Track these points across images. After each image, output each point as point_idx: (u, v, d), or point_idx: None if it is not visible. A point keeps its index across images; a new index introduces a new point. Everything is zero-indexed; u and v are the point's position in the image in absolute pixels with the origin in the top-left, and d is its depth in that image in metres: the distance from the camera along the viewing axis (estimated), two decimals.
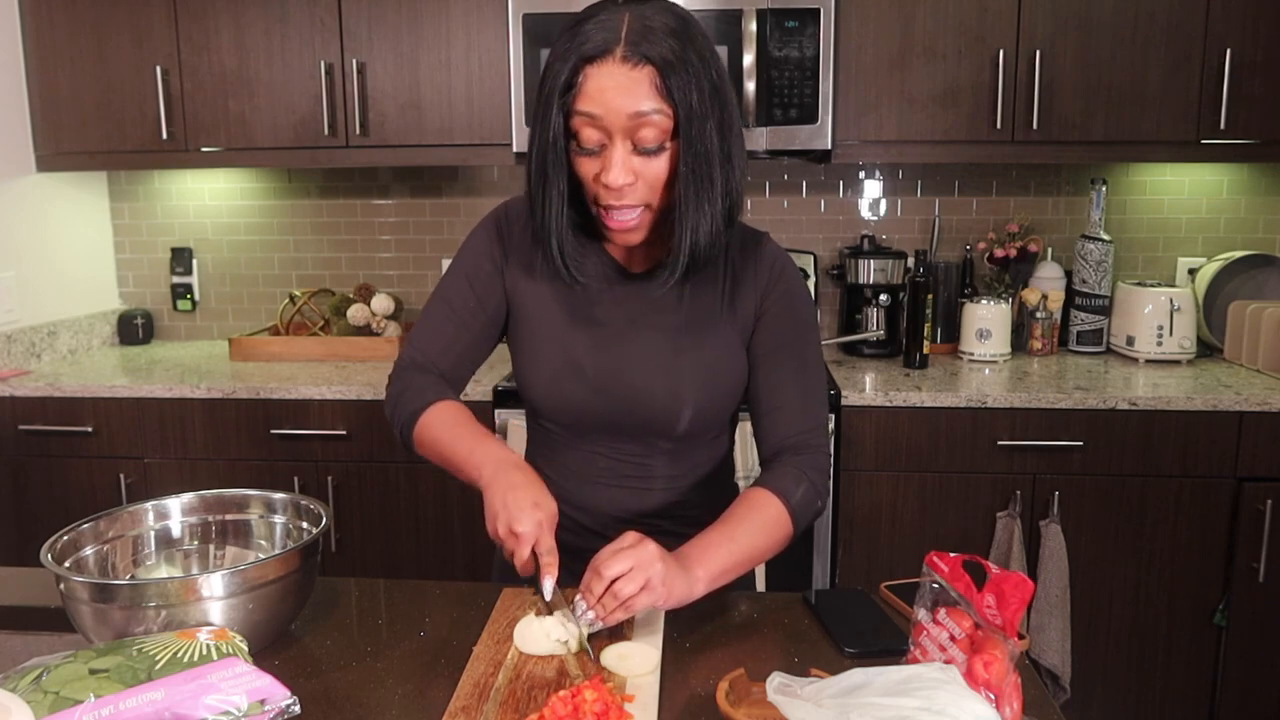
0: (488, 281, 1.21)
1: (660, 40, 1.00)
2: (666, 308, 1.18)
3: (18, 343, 2.54)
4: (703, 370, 1.17)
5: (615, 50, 0.99)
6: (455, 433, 1.12)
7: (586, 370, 1.17)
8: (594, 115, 1.01)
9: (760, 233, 1.23)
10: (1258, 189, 2.71)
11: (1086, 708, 2.27)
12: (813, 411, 1.17)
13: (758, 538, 1.06)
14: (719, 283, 1.19)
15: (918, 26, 2.37)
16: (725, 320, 1.18)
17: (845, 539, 2.25)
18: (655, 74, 1.00)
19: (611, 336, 1.18)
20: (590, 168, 1.05)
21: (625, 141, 1.02)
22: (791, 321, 1.18)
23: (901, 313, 2.57)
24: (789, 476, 1.12)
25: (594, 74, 1.00)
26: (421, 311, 1.24)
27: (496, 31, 2.42)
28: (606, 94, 1.00)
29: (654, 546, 0.97)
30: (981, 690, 0.81)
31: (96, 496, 2.37)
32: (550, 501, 1.04)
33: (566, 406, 1.19)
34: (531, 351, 1.20)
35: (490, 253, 1.21)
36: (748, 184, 1.21)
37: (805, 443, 1.15)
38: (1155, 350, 2.47)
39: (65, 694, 0.79)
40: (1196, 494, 2.18)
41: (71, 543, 1.04)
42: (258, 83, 2.49)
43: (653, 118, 1.01)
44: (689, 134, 1.02)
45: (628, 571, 0.94)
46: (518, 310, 1.22)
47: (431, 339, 1.21)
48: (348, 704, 0.92)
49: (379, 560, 2.37)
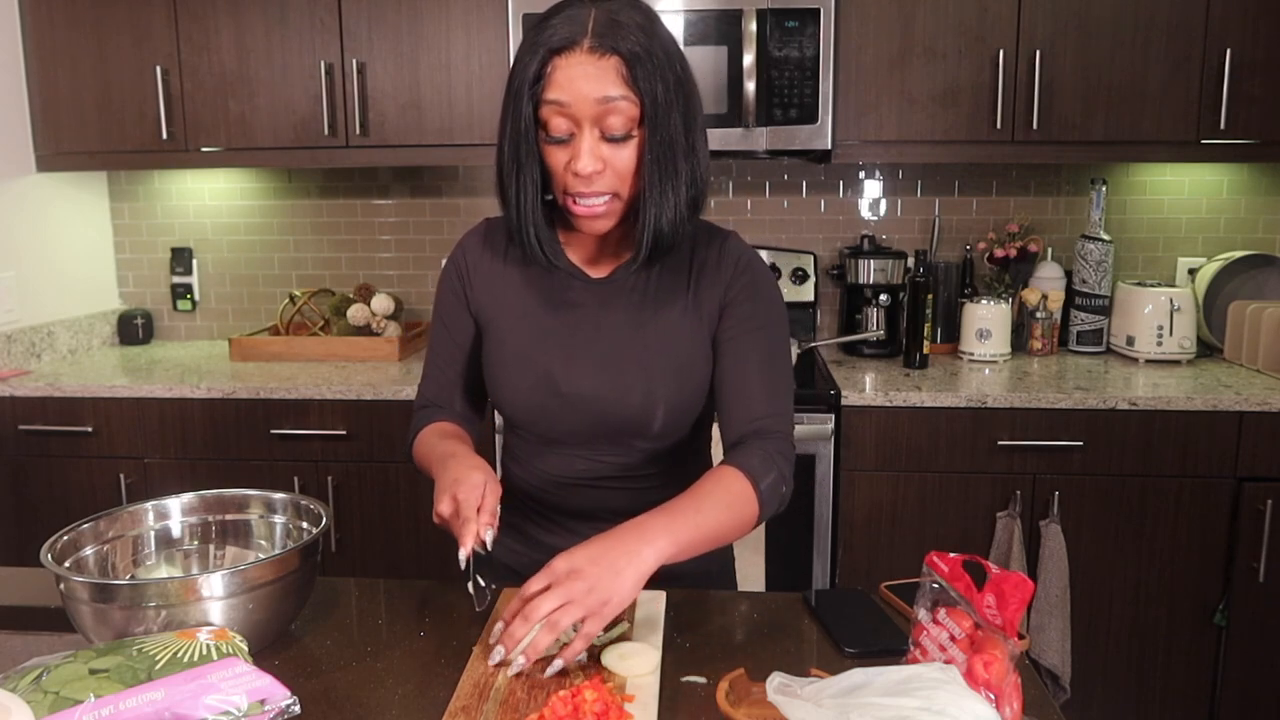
0: (457, 318, 1.27)
1: (626, 33, 1.03)
2: (632, 308, 1.19)
3: (18, 343, 2.54)
4: (673, 368, 1.17)
5: (583, 42, 1.03)
6: (430, 446, 1.20)
7: (558, 381, 1.18)
8: (563, 103, 1.03)
9: (726, 231, 1.24)
10: (1258, 189, 2.71)
11: (1086, 708, 2.27)
12: (778, 397, 1.17)
13: (724, 513, 1.04)
14: (684, 280, 1.19)
15: (918, 26, 2.37)
16: (691, 317, 1.18)
17: (845, 539, 2.26)
18: (622, 64, 1.03)
19: (579, 343, 1.18)
20: (560, 157, 1.07)
21: (594, 129, 1.05)
22: (755, 310, 1.18)
23: (901, 313, 2.57)
24: (757, 458, 1.10)
25: (562, 64, 1.03)
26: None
27: (496, 31, 2.42)
28: (575, 82, 1.03)
29: (581, 583, 0.91)
30: (981, 690, 0.81)
31: (96, 496, 2.37)
32: (492, 474, 1.08)
33: (541, 418, 1.20)
34: (502, 367, 1.21)
35: (454, 289, 1.27)
36: (711, 180, 1.22)
37: (769, 428, 1.13)
38: (1155, 350, 2.47)
39: (65, 694, 0.79)
40: (1196, 494, 2.18)
41: (71, 543, 1.04)
42: (258, 83, 2.49)
43: (619, 104, 1.03)
44: (654, 122, 1.05)
45: (560, 607, 0.91)
46: (486, 330, 1.24)
47: (429, 382, 1.30)
48: (348, 704, 0.92)
49: (379, 560, 2.37)
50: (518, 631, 0.92)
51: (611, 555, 0.94)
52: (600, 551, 0.95)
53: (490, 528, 1.02)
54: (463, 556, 1.01)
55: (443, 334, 1.28)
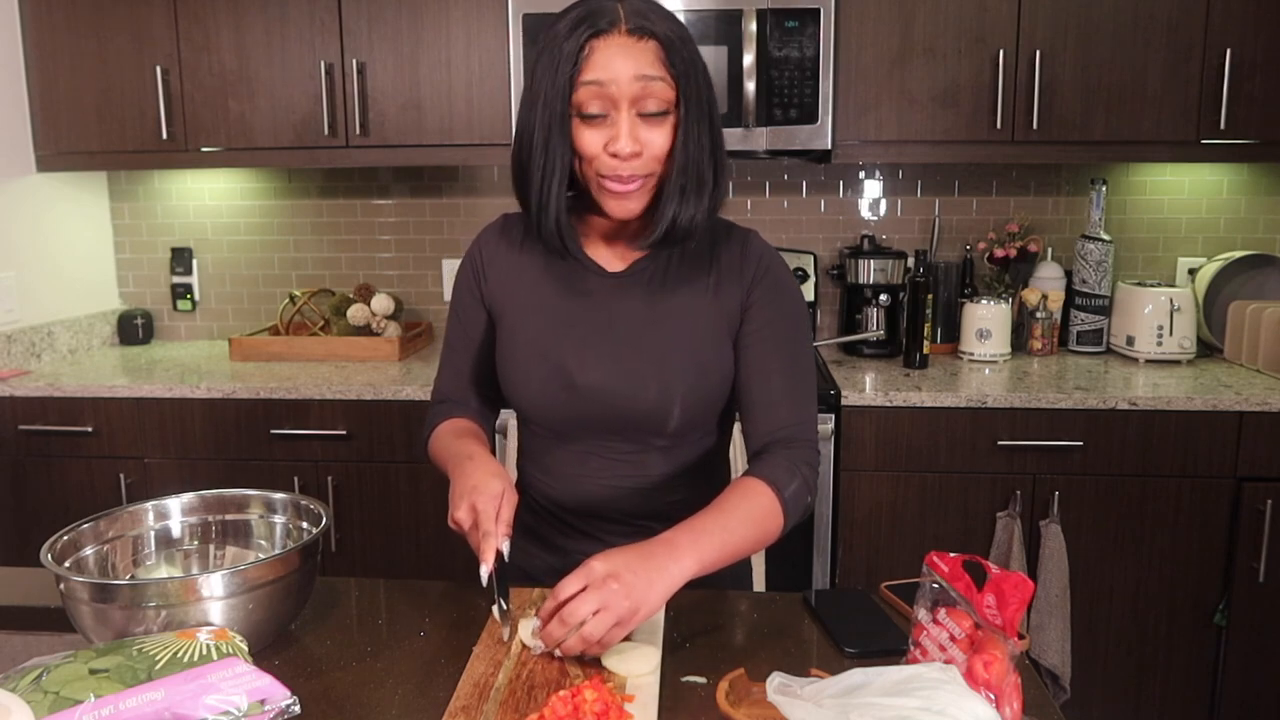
0: (472, 312, 1.27)
1: (660, 20, 1.06)
2: (649, 303, 1.18)
3: (18, 343, 2.54)
4: (690, 366, 1.16)
5: (620, 24, 1.05)
6: (446, 445, 1.19)
7: (573, 375, 1.17)
8: (602, 82, 1.04)
9: (748, 230, 1.23)
10: (1258, 189, 2.71)
11: (1086, 708, 2.27)
12: (803, 404, 1.17)
13: (750, 528, 1.05)
14: (704, 277, 1.19)
15: (917, 26, 2.37)
16: (711, 315, 1.17)
17: (845, 539, 2.26)
18: (659, 47, 1.05)
19: (595, 338, 1.17)
20: (595, 140, 1.07)
21: (631, 110, 1.05)
22: (779, 314, 1.18)
23: (901, 313, 2.57)
24: (782, 468, 1.11)
25: (601, 46, 1.04)
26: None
27: (496, 31, 2.42)
28: (614, 61, 1.04)
29: (617, 585, 0.92)
30: (981, 690, 0.81)
31: (96, 496, 2.37)
32: (509, 482, 1.07)
33: (555, 413, 1.19)
34: (516, 361, 1.20)
35: (469, 283, 1.27)
36: (733, 179, 1.23)
37: (795, 436, 1.14)
38: (1155, 350, 2.47)
39: (65, 694, 0.79)
40: (1196, 494, 2.18)
41: (71, 543, 1.05)
42: (258, 83, 2.49)
43: (657, 85, 1.05)
44: (688, 106, 1.07)
45: (594, 613, 0.91)
46: (500, 323, 1.24)
47: (444, 378, 1.30)
48: (348, 704, 0.92)
49: (379, 560, 2.37)
50: (555, 633, 0.93)
51: (647, 566, 0.95)
52: (636, 560, 0.95)
53: (506, 538, 1.02)
54: (484, 574, 1.01)
55: (458, 328, 1.28)
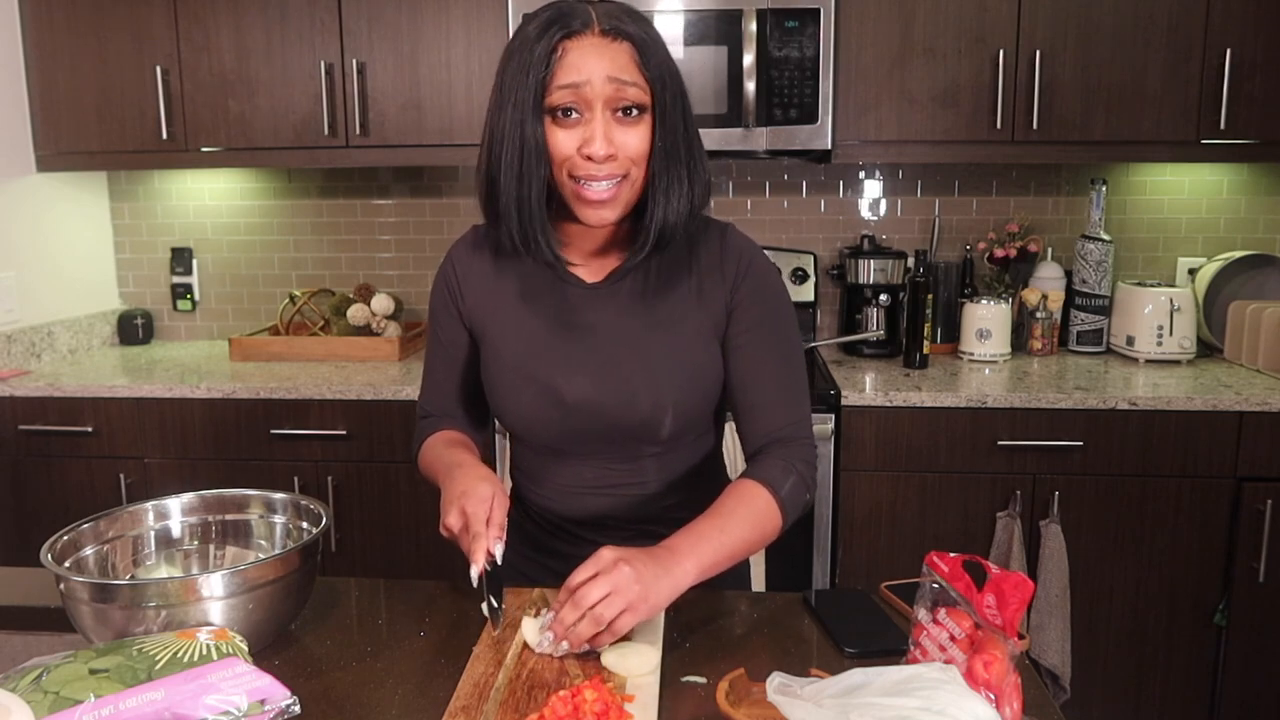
0: (452, 332, 1.25)
1: (632, 22, 1.05)
2: (633, 312, 1.16)
3: (18, 343, 2.54)
4: (679, 371, 1.15)
5: (593, 26, 1.04)
6: (436, 456, 1.20)
7: (562, 393, 1.15)
8: (576, 84, 1.03)
9: (724, 224, 1.22)
10: (1258, 189, 2.71)
11: (1086, 708, 2.27)
12: (796, 402, 1.16)
13: (748, 530, 1.05)
14: (686, 280, 1.17)
15: (917, 26, 2.37)
16: (696, 316, 1.16)
17: (845, 539, 2.25)
18: (633, 49, 1.04)
19: (581, 353, 1.16)
20: (569, 142, 1.05)
21: (605, 111, 1.04)
22: (765, 311, 1.17)
23: (901, 313, 2.57)
24: (777, 468, 1.11)
25: (574, 47, 1.03)
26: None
27: (496, 32, 2.42)
28: (588, 62, 1.03)
29: (629, 569, 0.93)
30: (981, 690, 0.81)
31: (96, 496, 2.37)
32: (500, 486, 1.08)
33: (547, 431, 1.18)
34: (503, 383, 1.19)
35: (446, 303, 1.25)
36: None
37: (790, 435, 1.14)
38: (1155, 350, 2.47)
39: (65, 694, 0.79)
40: (1196, 494, 2.18)
41: (71, 543, 1.04)
42: (258, 83, 2.49)
43: (630, 90, 1.04)
44: (663, 108, 1.06)
45: (605, 597, 0.92)
46: (483, 343, 1.22)
47: (428, 395, 1.29)
48: (348, 704, 0.92)
49: (379, 560, 2.37)
50: (568, 618, 0.93)
51: (654, 561, 0.96)
52: (644, 554, 0.97)
53: (499, 541, 1.02)
54: (475, 575, 1.01)
55: (438, 348, 1.27)
